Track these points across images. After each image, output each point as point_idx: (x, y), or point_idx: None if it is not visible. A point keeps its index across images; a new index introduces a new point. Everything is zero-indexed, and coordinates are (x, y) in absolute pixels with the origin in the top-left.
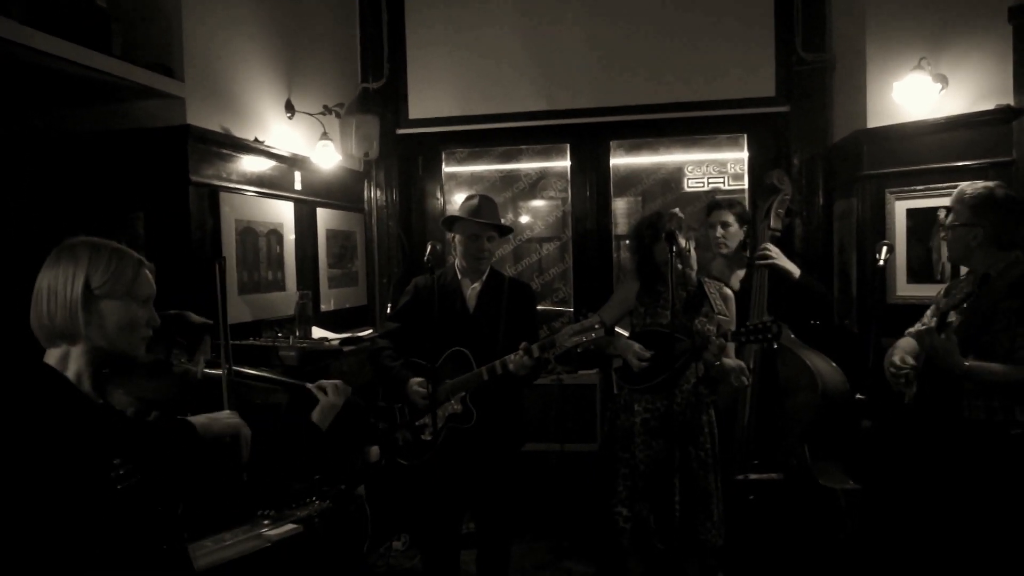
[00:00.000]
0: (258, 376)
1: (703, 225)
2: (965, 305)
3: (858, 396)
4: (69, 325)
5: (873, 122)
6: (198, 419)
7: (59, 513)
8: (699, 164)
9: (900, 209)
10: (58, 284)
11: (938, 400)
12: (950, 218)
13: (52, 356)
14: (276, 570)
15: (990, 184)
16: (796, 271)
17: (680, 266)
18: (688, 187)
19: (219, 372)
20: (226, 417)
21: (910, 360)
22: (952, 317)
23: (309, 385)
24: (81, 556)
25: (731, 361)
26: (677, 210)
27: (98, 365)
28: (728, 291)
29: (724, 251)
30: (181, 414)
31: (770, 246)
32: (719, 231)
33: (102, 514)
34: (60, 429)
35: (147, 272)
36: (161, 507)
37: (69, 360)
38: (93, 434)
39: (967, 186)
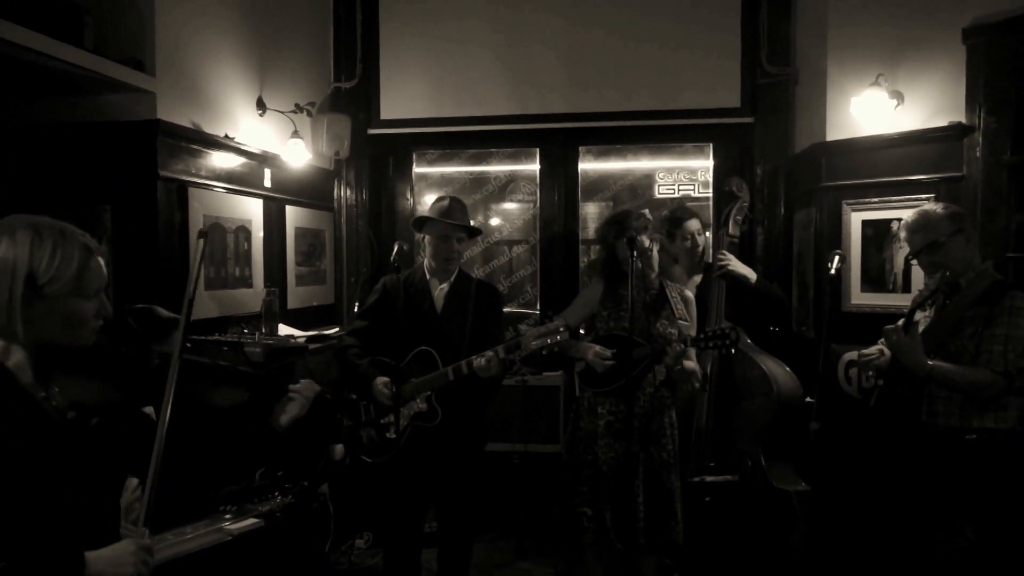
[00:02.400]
0: (217, 367)
1: (671, 234)
2: (930, 303)
3: (808, 399)
4: (6, 323)
5: (832, 135)
6: (92, 559)
7: None
8: (670, 171)
9: (856, 220)
10: None
11: (899, 404)
12: (932, 238)
13: None
14: (237, 564)
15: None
16: (752, 275)
17: (640, 266)
18: (659, 194)
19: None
20: (122, 565)
21: (887, 352)
22: (918, 316)
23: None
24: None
25: (692, 364)
26: (646, 211)
27: (41, 357)
28: (689, 294)
29: (696, 260)
30: (126, 415)
31: (726, 253)
32: (689, 242)
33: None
34: None
35: (98, 260)
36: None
37: (11, 351)
38: (21, 434)
39: (926, 209)
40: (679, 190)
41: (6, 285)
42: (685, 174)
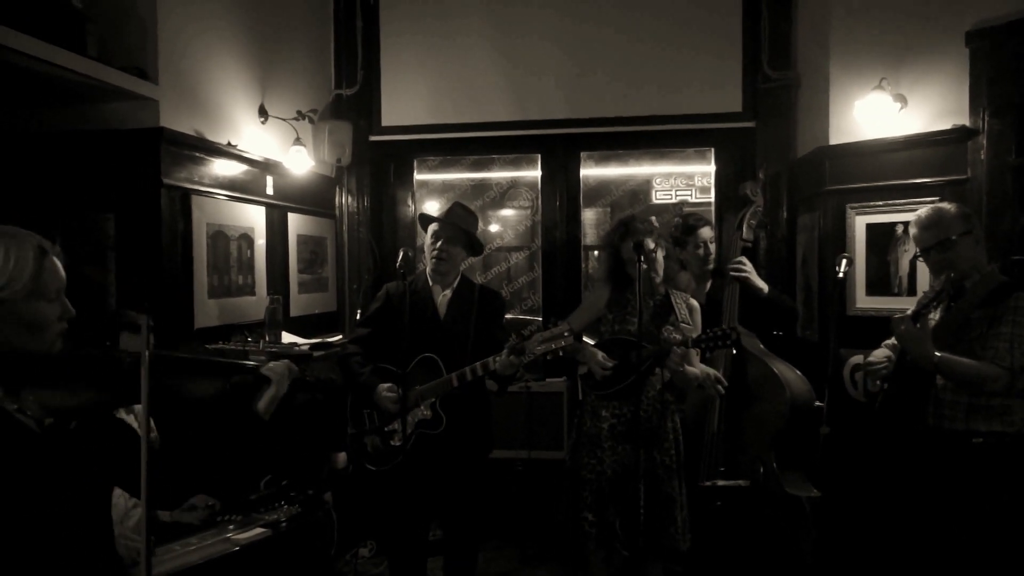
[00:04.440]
0: (188, 360)
1: (683, 242)
2: (935, 305)
3: (817, 403)
4: None
5: (835, 139)
6: None
7: None
8: (667, 176)
9: (860, 224)
10: None
11: (904, 407)
12: (944, 235)
13: None
14: (243, 575)
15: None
16: (765, 287)
17: (645, 267)
18: (656, 199)
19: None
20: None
21: (885, 354)
22: (933, 315)
23: (262, 368)
24: None
25: (693, 370)
26: (654, 217)
27: (9, 369)
28: (694, 302)
29: (710, 267)
30: (105, 417)
31: (744, 260)
32: (702, 250)
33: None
34: None
35: (53, 260)
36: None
37: None
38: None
39: (939, 207)
40: (676, 195)
41: None
42: (683, 179)
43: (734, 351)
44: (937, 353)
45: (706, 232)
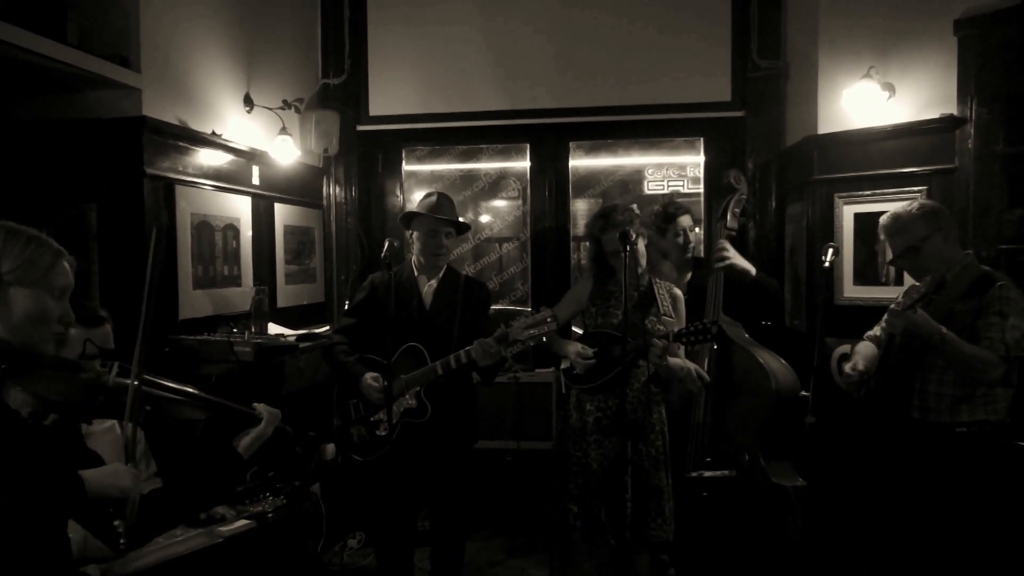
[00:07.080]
0: (175, 390)
1: (663, 230)
2: (921, 306)
3: (803, 393)
4: None
5: (823, 128)
6: (88, 474)
7: None
8: (659, 167)
9: (848, 213)
10: None
11: (889, 400)
12: (909, 242)
13: None
14: (228, 566)
15: (911, 203)
16: (752, 269)
17: (630, 257)
18: (648, 190)
19: (127, 382)
20: (119, 476)
21: (860, 366)
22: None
23: (250, 408)
24: None
25: (676, 361)
26: (635, 206)
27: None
28: (678, 292)
29: (688, 256)
30: (83, 419)
31: (727, 245)
32: (681, 238)
33: None
34: None
35: (65, 264)
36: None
37: None
38: None
39: (899, 211)
40: (668, 186)
41: None
42: (674, 170)
43: (715, 346)
44: (943, 329)
45: (685, 220)
